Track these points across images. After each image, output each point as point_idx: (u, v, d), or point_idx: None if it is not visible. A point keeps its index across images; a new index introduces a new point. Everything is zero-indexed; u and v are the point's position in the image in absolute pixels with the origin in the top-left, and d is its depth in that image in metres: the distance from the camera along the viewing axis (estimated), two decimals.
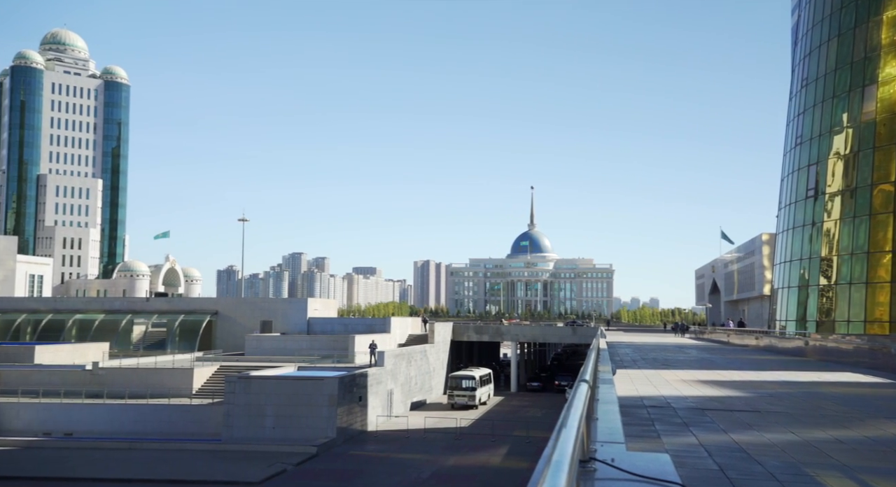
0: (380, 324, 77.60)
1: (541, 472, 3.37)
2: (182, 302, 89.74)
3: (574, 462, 3.70)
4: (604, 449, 5.54)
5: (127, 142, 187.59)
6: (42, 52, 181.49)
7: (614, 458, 5.14)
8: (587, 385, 6.81)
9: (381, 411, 53.81)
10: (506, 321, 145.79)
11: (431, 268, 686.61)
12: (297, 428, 45.35)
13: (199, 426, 48.41)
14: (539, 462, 4.17)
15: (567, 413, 5.05)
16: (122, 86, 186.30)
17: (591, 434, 6.18)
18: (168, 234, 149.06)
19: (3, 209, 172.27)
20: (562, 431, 4.18)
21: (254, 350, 68.71)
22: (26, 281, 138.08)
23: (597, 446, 5.70)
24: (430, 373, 69.25)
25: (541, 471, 3.41)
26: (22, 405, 49.97)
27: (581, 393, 6.05)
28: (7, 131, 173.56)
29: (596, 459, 5.14)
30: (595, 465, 5.04)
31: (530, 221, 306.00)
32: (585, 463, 5.02)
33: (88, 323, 78.48)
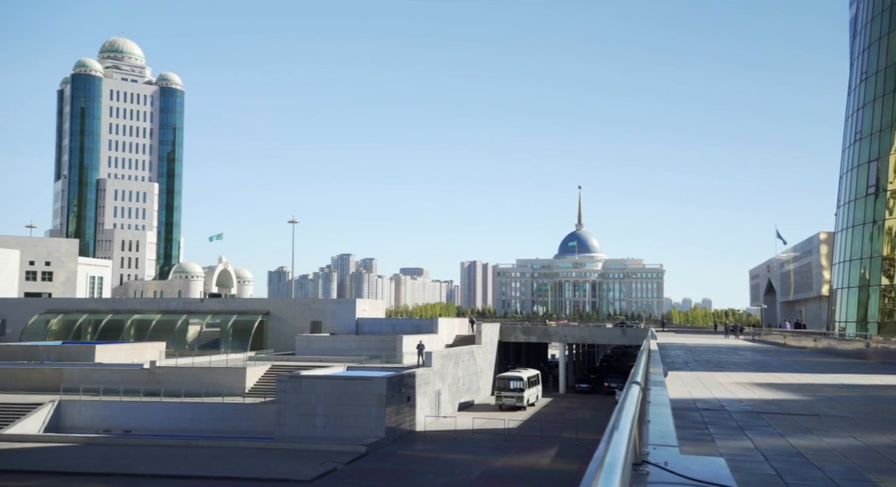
0: (427, 325, 77.88)
1: (593, 475, 3.35)
2: (235, 302, 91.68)
3: (627, 465, 3.66)
4: (656, 453, 5.47)
5: (181, 146, 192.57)
6: (101, 60, 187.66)
7: (667, 461, 5.07)
8: (639, 386, 6.72)
9: (429, 411, 53.99)
10: (553, 322, 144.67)
11: (478, 269, 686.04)
12: (346, 428, 45.84)
13: (252, 424, 49.35)
14: (590, 464, 4.13)
15: (618, 415, 5.00)
16: (176, 91, 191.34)
17: (644, 437, 6.09)
18: (221, 236, 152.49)
19: (65, 212, 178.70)
20: (614, 433, 4.14)
21: (304, 350, 69.72)
22: (87, 283, 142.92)
23: (649, 449, 5.62)
24: (477, 374, 69.20)
25: (593, 474, 3.38)
26: (84, 402, 51.68)
27: (633, 395, 5.97)
28: (69, 137, 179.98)
29: (649, 462, 5.07)
30: (648, 468, 4.97)
31: (578, 221, 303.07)
32: (638, 467, 4.95)
33: (146, 323, 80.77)
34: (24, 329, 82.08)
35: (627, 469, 3.75)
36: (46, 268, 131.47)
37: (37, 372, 58.03)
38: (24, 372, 58.07)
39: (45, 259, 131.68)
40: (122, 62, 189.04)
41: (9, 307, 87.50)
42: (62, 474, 37.72)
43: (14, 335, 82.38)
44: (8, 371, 58.35)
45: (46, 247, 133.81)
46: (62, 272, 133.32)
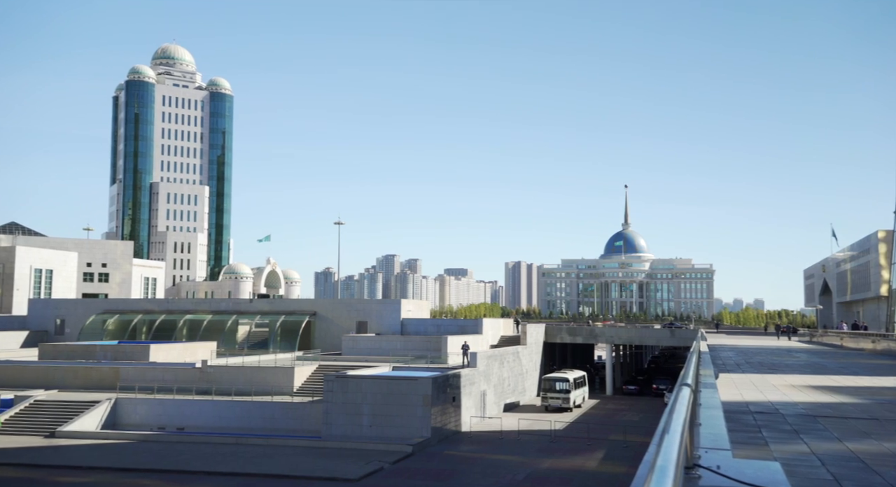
0: (472, 325, 77.88)
1: (644, 478, 3.31)
2: (282, 303, 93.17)
3: (679, 469, 3.61)
4: (708, 456, 5.37)
5: (231, 149, 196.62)
6: (153, 66, 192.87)
7: (720, 465, 4.97)
8: (689, 389, 6.61)
9: (474, 412, 53.97)
10: (600, 323, 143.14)
11: (523, 269, 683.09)
12: (392, 427, 46.13)
13: (300, 423, 50.04)
14: (640, 467, 4.09)
15: (669, 417, 4.92)
16: (225, 96, 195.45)
17: (695, 440, 5.99)
18: (269, 238, 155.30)
19: (120, 216, 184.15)
20: (664, 436, 4.08)
21: (350, 349, 70.42)
22: (141, 284, 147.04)
23: (700, 452, 5.53)
24: (522, 375, 68.89)
25: (644, 477, 3.34)
26: (139, 400, 53.15)
27: (683, 398, 5.88)
28: (123, 142, 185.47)
29: (700, 466, 4.98)
30: (700, 472, 4.88)
31: (624, 221, 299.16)
32: (690, 470, 4.87)
33: (198, 323, 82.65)
34: (83, 329, 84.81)
35: (679, 472, 3.69)
36: (103, 270, 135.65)
37: (95, 370, 59.92)
38: (83, 371, 60.03)
39: (102, 260, 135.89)
40: (174, 68, 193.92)
41: (68, 307, 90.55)
42: (119, 470, 38.86)
43: (73, 334, 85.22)
44: (68, 369, 60.41)
45: (103, 250, 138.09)
46: (118, 273, 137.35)
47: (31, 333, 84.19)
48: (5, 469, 39.13)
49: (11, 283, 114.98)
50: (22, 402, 52.58)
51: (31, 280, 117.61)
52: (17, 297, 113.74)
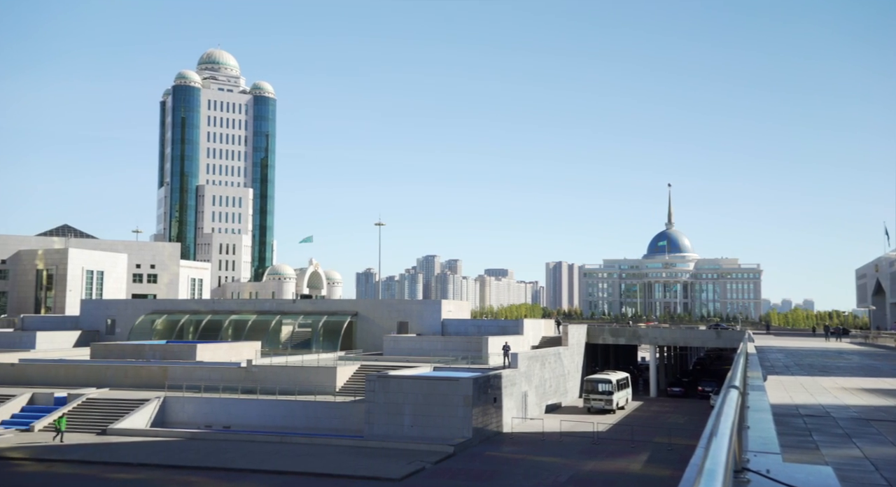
0: (513, 326, 77.59)
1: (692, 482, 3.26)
2: (325, 303, 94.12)
3: (728, 473, 3.54)
4: (757, 460, 5.26)
5: (274, 152, 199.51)
6: (199, 71, 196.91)
7: (770, 469, 4.86)
8: (737, 391, 6.48)
9: (515, 413, 53.76)
10: (643, 323, 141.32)
11: (564, 270, 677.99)
12: (433, 427, 46.23)
13: (342, 422, 50.49)
14: (687, 470, 4.03)
15: (717, 420, 4.83)
16: (269, 100, 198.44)
17: (743, 444, 5.88)
18: (311, 239, 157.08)
19: (167, 218, 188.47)
20: (713, 439, 4.01)
21: (391, 350, 70.81)
22: (188, 285, 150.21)
23: (749, 456, 5.42)
24: (564, 376, 68.38)
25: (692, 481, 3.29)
26: (186, 399, 54.28)
27: (731, 400, 5.76)
28: (170, 146, 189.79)
29: (750, 470, 4.88)
30: (749, 476, 4.79)
31: (668, 220, 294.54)
32: (738, 474, 4.78)
33: (242, 323, 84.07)
34: (132, 328, 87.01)
35: (728, 476, 3.63)
36: (151, 271, 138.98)
37: (144, 369, 61.42)
38: (133, 370, 61.57)
39: (150, 262, 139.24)
40: (219, 73, 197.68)
41: (118, 308, 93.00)
42: (168, 467, 39.75)
43: (123, 334, 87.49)
44: (118, 368, 62.04)
45: (151, 251, 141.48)
46: (166, 274, 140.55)
47: (83, 333, 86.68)
48: (60, 465, 40.37)
49: (64, 284, 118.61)
50: (75, 400, 54.18)
51: (83, 281, 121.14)
52: (69, 298, 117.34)
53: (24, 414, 53.45)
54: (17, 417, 53.07)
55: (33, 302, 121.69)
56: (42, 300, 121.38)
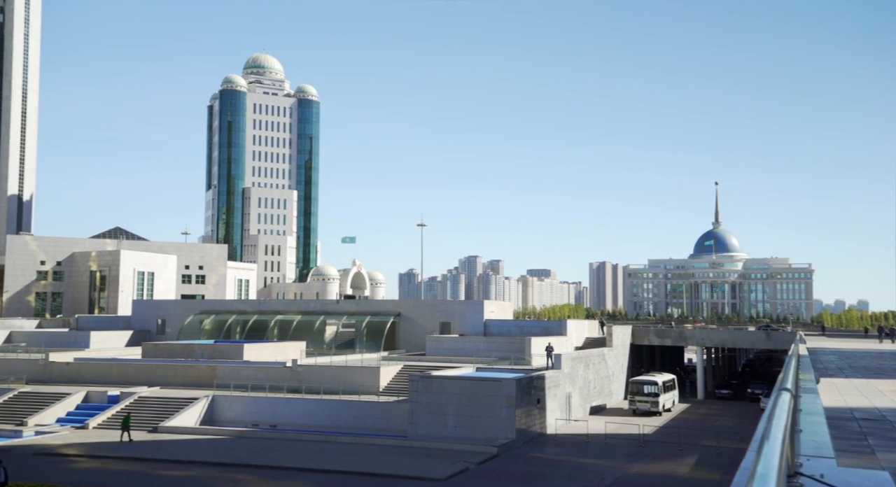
0: (556, 327, 77.05)
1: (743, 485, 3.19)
2: (368, 304, 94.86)
3: (781, 477, 3.46)
4: (810, 464, 5.12)
5: (317, 154, 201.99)
6: (245, 75, 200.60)
7: (823, 473, 4.73)
8: (789, 394, 6.32)
9: (559, 414, 53.37)
10: (690, 324, 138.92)
11: (608, 270, 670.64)
12: (476, 428, 46.19)
13: (386, 422, 50.81)
14: (737, 475, 3.95)
15: (769, 423, 4.72)
16: (312, 103, 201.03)
17: (796, 448, 5.73)
18: (354, 239, 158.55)
19: (215, 220, 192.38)
20: (764, 443, 3.92)
21: (434, 350, 70.97)
22: (235, 285, 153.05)
23: (802, 460, 5.28)
24: (608, 377, 67.62)
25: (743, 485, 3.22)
26: (234, 397, 55.30)
27: (783, 403, 5.63)
28: (217, 149, 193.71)
29: (803, 474, 4.76)
30: (802, 480, 4.66)
31: (715, 219, 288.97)
32: (791, 479, 4.66)
33: (288, 323, 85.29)
34: (182, 328, 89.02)
35: (781, 480, 3.54)
36: (200, 272, 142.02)
37: (193, 368, 62.78)
38: (182, 369, 63.00)
39: (199, 263, 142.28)
40: (264, 77, 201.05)
41: (168, 308, 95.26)
42: (217, 465, 40.54)
43: (173, 334, 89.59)
44: (168, 367, 63.56)
45: (199, 253, 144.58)
46: (213, 275, 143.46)
47: (134, 332, 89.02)
48: (113, 461, 41.51)
49: (117, 285, 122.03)
50: (127, 398, 55.66)
51: (134, 282, 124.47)
52: (122, 299, 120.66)
53: (79, 412, 55.12)
54: (73, 415, 54.75)
55: (87, 302, 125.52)
56: (96, 300, 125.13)
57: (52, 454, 43.18)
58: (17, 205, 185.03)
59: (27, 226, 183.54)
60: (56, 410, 54.52)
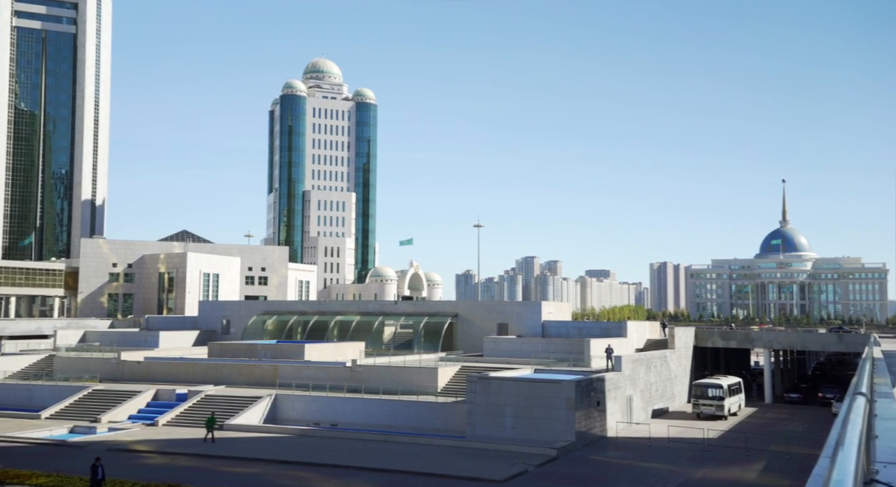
0: (615, 328, 75.89)
1: None
2: (425, 305, 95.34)
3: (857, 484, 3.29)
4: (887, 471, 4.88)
5: (375, 157, 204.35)
6: (304, 80, 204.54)
7: None
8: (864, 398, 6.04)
9: (620, 417, 52.53)
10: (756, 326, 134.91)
11: (669, 270, 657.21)
12: (535, 430, 45.86)
13: (444, 422, 50.92)
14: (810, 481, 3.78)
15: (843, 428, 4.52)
16: (370, 106, 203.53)
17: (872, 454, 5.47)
18: (412, 241, 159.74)
19: (276, 223, 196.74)
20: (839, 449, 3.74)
21: (492, 351, 70.80)
22: (296, 287, 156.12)
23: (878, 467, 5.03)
24: (671, 380, 66.20)
25: None
26: (296, 397, 56.34)
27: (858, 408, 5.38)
28: (278, 154, 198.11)
29: (879, 481, 4.53)
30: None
31: (782, 218, 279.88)
32: (867, 486, 4.44)
33: (347, 324, 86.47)
34: (245, 328, 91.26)
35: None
36: (262, 274, 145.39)
37: (256, 368, 64.27)
38: (246, 368, 64.57)
39: (261, 265, 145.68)
40: (323, 81, 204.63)
41: (232, 309, 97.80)
42: (280, 462, 41.38)
43: (237, 334, 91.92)
44: (233, 366, 65.23)
45: (262, 255, 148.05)
46: (275, 277, 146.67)
47: (201, 332, 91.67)
48: (182, 458, 42.83)
49: (184, 287, 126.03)
50: (194, 397, 57.35)
51: (200, 283, 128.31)
52: (188, 299, 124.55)
53: (149, 409, 57.09)
54: (143, 412, 56.73)
55: (156, 303, 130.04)
56: (164, 301, 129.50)
57: (125, 450, 44.82)
58: (91, 209, 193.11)
59: (100, 230, 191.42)
60: (128, 407, 56.57)
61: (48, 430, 51.33)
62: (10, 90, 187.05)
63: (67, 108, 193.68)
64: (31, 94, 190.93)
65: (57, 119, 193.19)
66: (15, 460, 41.06)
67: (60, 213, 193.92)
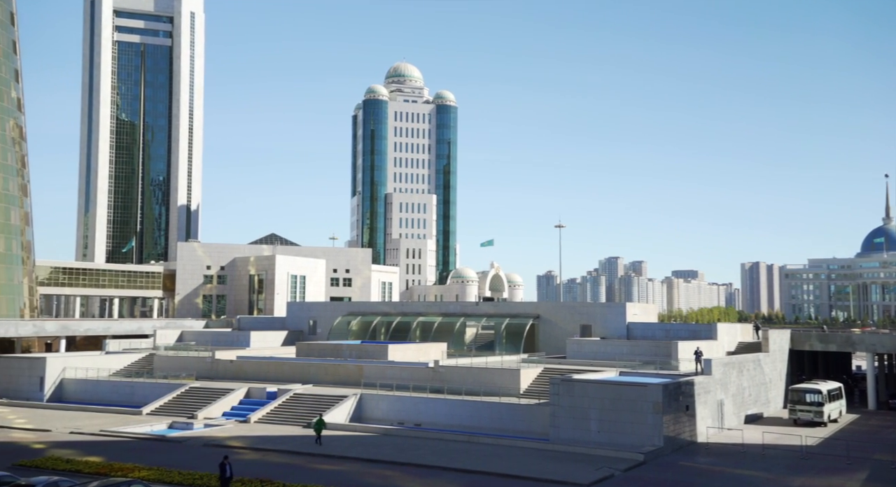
0: (705, 330, 73.40)
1: None
2: (506, 306, 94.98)
3: None
4: None
5: (455, 159, 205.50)
6: (386, 84, 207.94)
7: None
8: None
9: (710, 422, 50.79)
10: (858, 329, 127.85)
11: (762, 270, 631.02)
12: (621, 434, 44.95)
13: (527, 424, 50.58)
14: None
15: None
16: (450, 108, 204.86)
17: None
18: (492, 242, 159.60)
19: (359, 225, 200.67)
20: None
21: (575, 353, 69.86)
22: (379, 288, 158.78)
23: None
24: (765, 385, 63.50)
25: None
26: (380, 396, 57.23)
27: None
28: (361, 157, 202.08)
29: None
30: None
31: (885, 215, 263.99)
32: None
33: (429, 324, 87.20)
34: (331, 329, 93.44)
35: None
36: (346, 275, 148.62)
37: (342, 367, 65.69)
38: (332, 368, 66.10)
39: (346, 267, 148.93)
40: (404, 85, 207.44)
41: (318, 310, 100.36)
42: (366, 460, 42.11)
43: (323, 334, 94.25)
44: (319, 366, 66.91)
45: (346, 257, 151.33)
46: (359, 278, 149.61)
47: (289, 333, 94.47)
48: (272, 454, 44.25)
49: (272, 288, 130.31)
50: (284, 395, 59.13)
51: (288, 285, 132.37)
52: (277, 301, 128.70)
53: (241, 407, 59.26)
54: (236, 409, 58.93)
55: (247, 304, 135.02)
56: (254, 302, 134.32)
57: (219, 446, 46.68)
58: (186, 214, 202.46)
59: (194, 234, 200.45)
60: (222, 404, 58.89)
61: (149, 426, 54.02)
62: (112, 101, 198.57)
63: (164, 118, 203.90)
64: (132, 105, 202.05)
65: (155, 128, 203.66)
66: (119, 453, 43.44)
67: (158, 218, 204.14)
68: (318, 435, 47.10)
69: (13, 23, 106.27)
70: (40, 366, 67.55)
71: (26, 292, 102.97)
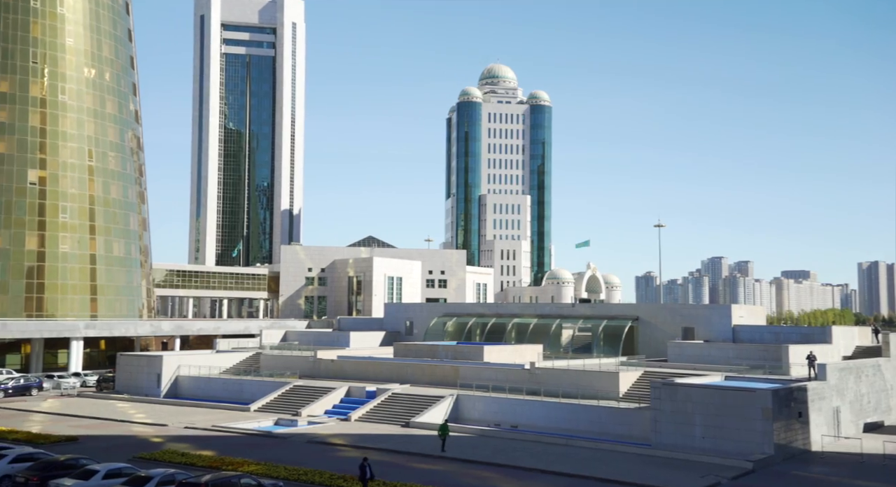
0: (818, 334, 69.45)
1: None
2: (604, 307, 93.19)
3: None
4: None
5: (550, 159, 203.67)
6: (480, 86, 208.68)
7: None
8: None
9: (825, 430, 48.01)
10: None
11: (881, 270, 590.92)
12: (727, 440, 43.23)
13: (627, 428, 49.45)
14: None
15: None
16: (545, 108, 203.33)
17: None
18: (588, 243, 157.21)
19: (454, 227, 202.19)
20: None
21: (676, 356, 67.75)
22: (474, 289, 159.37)
23: None
24: (886, 391, 59.40)
25: None
26: (476, 397, 57.42)
27: None
28: (456, 159, 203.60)
29: None
30: None
31: None
32: None
33: (524, 326, 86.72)
34: (427, 330, 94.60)
35: None
36: (441, 277, 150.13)
37: (438, 368, 66.37)
38: (429, 368, 66.90)
39: (441, 268, 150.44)
40: (498, 86, 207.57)
41: (415, 311, 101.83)
42: (462, 461, 42.37)
43: (419, 335, 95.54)
44: (416, 366, 67.89)
45: (441, 258, 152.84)
46: (454, 280, 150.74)
47: (387, 333, 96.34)
48: (372, 452, 45.23)
49: (370, 290, 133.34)
50: (382, 394, 60.36)
51: (384, 286, 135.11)
52: (374, 302, 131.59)
53: (342, 405, 60.95)
54: (338, 407, 60.66)
55: (346, 305, 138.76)
56: (353, 303, 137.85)
57: (322, 443, 48.19)
58: (289, 218, 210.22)
59: (296, 237, 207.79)
60: (324, 403, 60.76)
61: (256, 422, 56.41)
62: (221, 111, 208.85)
63: (268, 126, 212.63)
64: (238, 114, 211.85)
65: (259, 136, 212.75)
66: (230, 448, 45.61)
67: (263, 223, 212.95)
68: (444, 441, 44.79)
69: (130, 39, 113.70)
70: (158, 364, 71.78)
71: (144, 293, 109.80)
